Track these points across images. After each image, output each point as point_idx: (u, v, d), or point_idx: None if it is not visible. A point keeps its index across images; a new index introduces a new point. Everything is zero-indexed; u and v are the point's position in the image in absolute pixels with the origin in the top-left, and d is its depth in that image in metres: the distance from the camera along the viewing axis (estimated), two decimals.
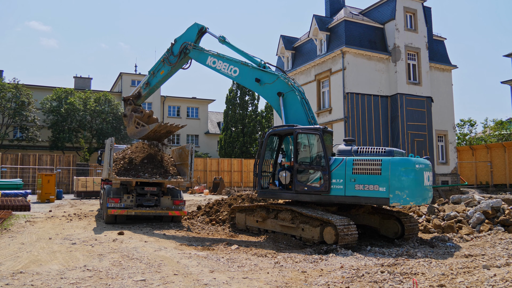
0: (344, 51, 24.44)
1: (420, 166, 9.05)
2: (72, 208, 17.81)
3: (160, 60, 13.37)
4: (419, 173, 8.98)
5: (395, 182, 8.71)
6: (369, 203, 9.13)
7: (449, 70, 29.25)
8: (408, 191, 8.76)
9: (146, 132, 13.35)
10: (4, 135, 32.92)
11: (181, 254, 7.99)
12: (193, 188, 30.23)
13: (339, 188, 9.31)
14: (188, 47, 12.73)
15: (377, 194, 8.86)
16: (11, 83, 33.13)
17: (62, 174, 28.44)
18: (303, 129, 10.10)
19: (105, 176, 12.86)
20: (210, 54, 12.35)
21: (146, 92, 14.15)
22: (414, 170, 8.90)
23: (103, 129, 35.81)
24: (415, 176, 8.88)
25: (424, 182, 9.14)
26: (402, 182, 8.74)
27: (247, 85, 11.91)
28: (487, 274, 5.80)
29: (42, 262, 7.12)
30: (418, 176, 8.94)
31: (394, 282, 5.80)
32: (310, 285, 5.87)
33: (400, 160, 8.91)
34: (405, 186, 8.75)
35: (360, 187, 9.06)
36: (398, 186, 8.70)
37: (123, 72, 42.94)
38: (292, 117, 10.90)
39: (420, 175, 9.01)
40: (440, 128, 28.00)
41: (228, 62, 11.96)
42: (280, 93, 11.05)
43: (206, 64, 12.48)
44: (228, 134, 40.59)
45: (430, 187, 9.47)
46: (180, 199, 12.90)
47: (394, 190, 8.68)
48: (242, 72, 11.74)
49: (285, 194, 10.34)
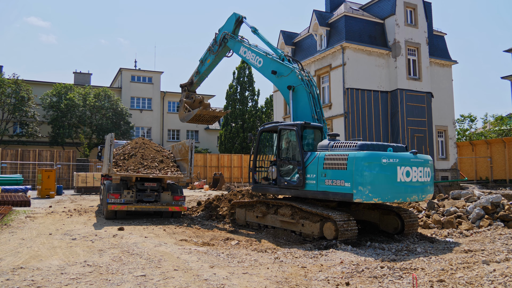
0: (344, 46, 24.38)
1: (391, 161, 8.58)
2: (72, 203, 17.83)
3: (206, 49, 14.46)
4: (387, 168, 8.53)
5: (358, 177, 8.47)
6: (337, 198, 8.91)
7: (449, 65, 29.19)
8: (371, 186, 8.43)
9: (191, 116, 14.52)
10: (4, 130, 32.88)
11: (181, 249, 8.00)
12: (193, 184, 30.24)
13: (312, 183, 9.41)
14: (226, 36, 13.54)
15: (343, 190, 8.74)
16: (11, 79, 33.04)
17: (62, 169, 28.45)
18: (284, 125, 10.39)
19: (105, 172, 12.86)
20: (242, 44, 12.94)
21: (197, 79, 15.17)
22: (379, 165, 8.48)
23: (103, 124, 35.76)
24: (380, 171, 8.47)
25: (398, 177, 8.63)
26: (365, 178, 8.43)
27: (267, 77, 12.14)
28: (487, 269, 5.81)
29: (42, 258, 7.13)
30: (386, 171, 8.51)
31: (394, 277, 5.81)
32: (310, 280, 5.88)
33: (365, 154, 8.56)
34: (368, 181, 8.43)
35: (329, 182, 9.03)
36: (360, 182, 8.44)
37: (122, 68, 42.82)
38: (299, 112, 11.08)
39: (389, 170, 8.54)
40: (440, 124, 27.99)
41: (255, 53, 12.41)
42: (290, 87, 11.18)
43: (238, 53, 13.17)
44: (228, 129, 40.56)
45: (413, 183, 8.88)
46: (180, 194, 12.91)
47: (357, 185, 8.46)
48: (265, 63, 12.08)
49: (271, 188, 10.64)
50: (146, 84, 43.69)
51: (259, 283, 5.74)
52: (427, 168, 9.22)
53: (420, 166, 9.05)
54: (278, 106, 31.62)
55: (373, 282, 5.65)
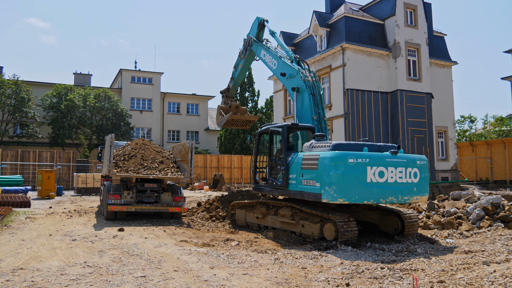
0: (344, 47, 24.38)
1: (360, 161, 8.42)
2: (72, 204, 17.82)
3: (238, 55, 15.00)
4: (355, 168, 8.38)
5: (325, 177, 8.50)
6: (310, 198, 8.98)
7: (449, 66, 29.19)
8: (336, 187, 8.35)
9: (224, 121, 15.09)
10: (4, 131, 32.87)
11: (181, 250, 8.00)
12: (193, 185, 30.24)
13: (293, 183, 9.61)
14: (250, 41, 14.00)
15: (314, 190, 8.80)
16: (11, 79, 33.02)
17: (62, 170, 28.45)
18: (274, 127, 10.65)
19: (105, 173, 12.86)
20: (262, 47, 13.29)
21: (232, 84, 15.62)
22: (345, 165, 8.34)
23: (103, 125, 35.76)
24: (346, 171, 8.33)
25: (368, 178, 8.45)
26: (330, 177, 8.41)
27: (279, 78, 12.49)
28: (487, 270, 5.81)
29: (42, 259, 7.13)
30: (353, 172, 8.36)
31: (394, 278, 5.80)
32: (310, 281, 5.87)
33: (332, 154, 8.52)
34: (333, 181, 8.38)
35: (305, 182, 9.16)
36: (327, 182, 8.46)
37: (123, 69, 42.82)
38: (300, 113, 11.37)
39: (357, 170, 8.39)
40: (440, 124, 27.99)
41: (272, 55, 12.75)
42: (294, 88, 11.46)
43: (259, 56, 13.50)
44: (228, 130, 40.55)
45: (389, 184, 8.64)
46: (180, 195, 12.91)
47: (324, 185, 8.50)
48: (278, 65, 12.40)
49: (266, 188, 10.91)
50: (146, 85, 43.71)
51: (259, 284, 5.74)
52: (414, 169, 8.91)
53: (400, 166, 8.77)
54: (278, 107, 31.63)
55: (373, 283, 5.65)
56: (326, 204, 9.72)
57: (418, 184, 9.00)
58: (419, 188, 9.03)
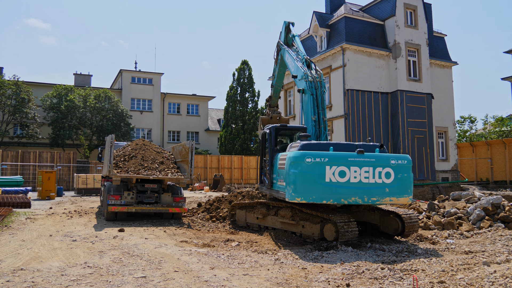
0: (344, 47, 24.39)
1: (318, 160, 8.39)
2: (72, 205, 17.82)
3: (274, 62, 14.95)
4: (312, 167, 8.36)
5: (287, 176, 8.77)
6: (280, 197, 9.32)
7: (450, 66, 29.20)
8: (294, 186, 8.43)
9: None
10: (4, 132, 32.87)
11: (182, 251, 8.00)
12: (194, 185, 30.23)
13: (274, 182, 10.11)
14: (278, 45, 14.12)
15: (283, 189, 9.13)
16: (11, 80, 33.02)
17: (62, 171, 28.44)
18: (267, 128, 11.01)
19: (106, 173, 12.86)
20: (285, 51, 13.41)
21: (272, 92, 15.50)
22: (302, 164, 8.37)
23: (103, 126, 35.75)
24: (303, 170, 8.36)
25: (327, 177, 8.38)
26: (289, 177, 8.56)
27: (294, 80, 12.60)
28: (487, 270, 5.80)
29: (42, 259, 7.13)
30: (310, 171, 8.35)
31: (394, 278, 5.80)
32: (310, 281, 5.87)
33: (292, 154, 8.65)
34: (291, 180, 8.48)
35: (279, 182, 9.58)
36: (287, 181, 8.71)
37: (123, 69, 42.81)
38: (304, 114, 11.61)
39: (315, 170, 8.36)
40: (440, 125, 27.99)
41: (291, 58, 12.87)
42: (299, 90, 11.68)
43: (284, 59, 13.56)
44: (228, 131, 40.54)
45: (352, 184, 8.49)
46: (180, 196, 12.91)
47: (287, 184, 8.77)
48: (293, 68, 12.51)
49: (263, 188, 11.34)
50: (147, 86, 43.71)
51: (260, 284, 5.74)
52: (386, 169, 8.61)
53: (366, 166, 8.57)
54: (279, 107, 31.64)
55: (374, 284, 5.65)
56: (326, 205, 9.73)
57: (392, 184, 8.61)
58: (393, 189, 8.63)
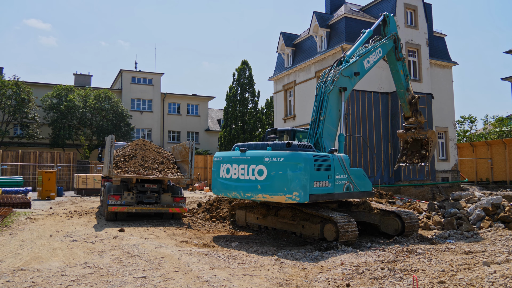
0: (345, 47, 24.38)
1: (217, 159, 9.85)
2: (72, 205, 17.82)
3: None
4: (216, 165, 9.84)
5: None
6: None
7: (450, 66, 29.18)
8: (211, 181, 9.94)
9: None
10: (4, 132, 32.87)
11: (182, 251, 8.00)
12: (194, 185, 30.23)
13: None
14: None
15: None
16: (11, 80, 33.00)
17: (62, 171, 28.44)
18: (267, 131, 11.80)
19: (106, 173, 12.86)
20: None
21: (401, 101, 14.03)
22: (214, 163, 9.95)
23: (103, 126, 35.74)
24: (214, 168, 9.96)
25: (220, 174, 9.62)
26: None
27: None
28: (487, 270, 5.80)
29: (42, 259, 7.13)
30: (215, 169, 9.85)
31: (395, 278, 5.80)
32: (311, 281, 5.87)
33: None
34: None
35: None
36: None
37: (123, 69, 42.80)
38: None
39: (216, 168, 9.81)
40: (441, 125, 27.98)
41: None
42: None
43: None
44: (228, 131, 40.53)
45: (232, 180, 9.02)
46: (180, 196, 12.92)
47: None
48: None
49: None
50: (147, 86, 43.71)
51: (260, 284, 5.74)
52: (258, 166, 8.61)
53: (242, 164, 8.86)
54: (278, 108, 31.63)
55: (374, 284, 5.65)
56: (326, 205, 9.74)
57: (265, 182, 8.50)
58: (265, 186, 8.48)
